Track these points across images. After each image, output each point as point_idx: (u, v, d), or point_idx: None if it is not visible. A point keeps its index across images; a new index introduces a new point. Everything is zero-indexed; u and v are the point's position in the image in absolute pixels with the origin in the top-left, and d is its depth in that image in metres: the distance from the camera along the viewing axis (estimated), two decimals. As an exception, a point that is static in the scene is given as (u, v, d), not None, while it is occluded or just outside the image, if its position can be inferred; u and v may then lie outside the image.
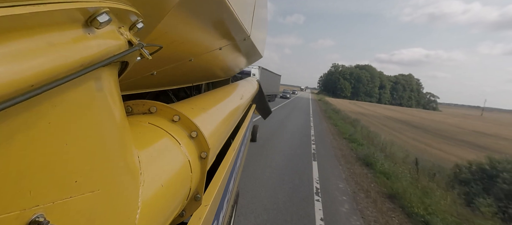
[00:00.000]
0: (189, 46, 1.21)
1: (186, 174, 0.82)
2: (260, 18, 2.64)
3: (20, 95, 0.27)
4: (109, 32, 0.45)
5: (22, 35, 0.29)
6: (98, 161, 0.44)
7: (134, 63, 0.59)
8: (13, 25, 0.27)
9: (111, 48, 0.44)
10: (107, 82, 0.47)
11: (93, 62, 0.38)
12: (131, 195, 0.56)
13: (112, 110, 0.49)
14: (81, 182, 0.40)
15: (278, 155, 7.94)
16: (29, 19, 0.29)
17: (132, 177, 0.57)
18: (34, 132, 0.31)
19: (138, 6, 0.53)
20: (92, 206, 0.43)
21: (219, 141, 1.30)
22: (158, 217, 0.68)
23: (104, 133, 0.46)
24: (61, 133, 0.36)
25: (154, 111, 0.89)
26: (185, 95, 2.50)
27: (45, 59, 0.30)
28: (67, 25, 0.35)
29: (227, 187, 1.75)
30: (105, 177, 0.46)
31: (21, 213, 0.31)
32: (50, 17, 0.32)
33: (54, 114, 0.34)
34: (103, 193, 0.45)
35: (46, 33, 0.32)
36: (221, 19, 1.23)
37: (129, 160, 0.56)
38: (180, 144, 0.84)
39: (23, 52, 0.28)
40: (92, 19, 0.39)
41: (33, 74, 0.28)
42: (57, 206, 0.36)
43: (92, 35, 0.40)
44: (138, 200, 0.59)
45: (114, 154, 0.50)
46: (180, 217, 0.90)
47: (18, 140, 0.30)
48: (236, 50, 2.07)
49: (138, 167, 0.61)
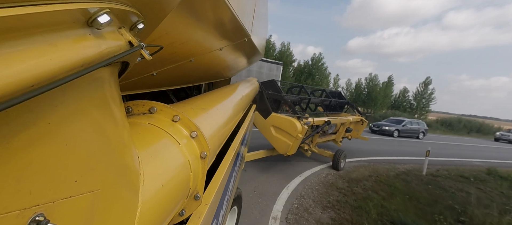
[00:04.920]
0: (189, 46, 1.22)
1: (186, 173, 0.82)
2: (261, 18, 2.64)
3: (20, 96, 0.27)
4: (110, 32, 0.45)
5: (23, 36, 0.29)
6: (98, 161, 0.44)
7: (135, 63, 0.59)
8: (14, 25, 0.27)
9: (111, 48, 0.44)
10: (107, 83, 0.48)
11: (93, 62, 0.38)
12: (131, 195, 0.56)
13: (112, 111, 0.49)
14: (81, 182, 0.40)
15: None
16: (30, 19, 0.29)
17: (132, 177, 0.57)
18: (34, 132, 0.32)
19: (138, 7, 0.53)
20: (92, 205, 0.43)
21: (219, 141, 1.30)
22: (158, 216, 0.68)
23: (104, 133, 0.46)
24: (61, 133, 0.36)
25: (154, 112, 0.89)
26: (185, 95, 2.50)
27: (46, 59, 0.30)
28: (68, 26, 0.35)
29: (227, 187, 1.75)
30: (105, 177, 0.46)
31: (21, 213, 0.31)
32: (50, 17, 0.32)
33: (54, 114, 0.34)
34: (103, 193, 0.45)
35: (47, 34, 0.32)
36: (221, 19, 1.24)
37: (129, 160, 0.56)
38: (180, 144, 0.84)
39: (24, 52, 0.28)
40: (92, 20, 0.39)
41: (34, 75, 0.28)
42: (57, 205, 0.36)
43: (92, 35, 0.40)
44: (138, 199, 0.59)
45: (114, 154, 0.50)
46: (179, 216, 0.90)
47: (18, 140, 0.30)
48: (236, 50, 2.08)
49: (138, 167, 0.61)
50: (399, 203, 5.60)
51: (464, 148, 18.61)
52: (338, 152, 7.48)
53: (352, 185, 6.47)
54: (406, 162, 10.15)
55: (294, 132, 5.63)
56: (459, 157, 13.34)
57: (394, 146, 14.74)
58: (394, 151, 12.66)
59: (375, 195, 6.01)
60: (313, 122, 6.23)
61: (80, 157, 0.40)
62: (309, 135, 6.51)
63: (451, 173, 9.07)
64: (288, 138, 5.77)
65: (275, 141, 6.05)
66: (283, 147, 5.91)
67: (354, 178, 7.02)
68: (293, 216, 4.53)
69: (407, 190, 6.63)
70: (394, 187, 6.65)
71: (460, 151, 16.49)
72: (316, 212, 4.83)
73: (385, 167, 8.87)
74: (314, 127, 6.60)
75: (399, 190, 6.45)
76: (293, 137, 5.66)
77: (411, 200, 5.99)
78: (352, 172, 7.64)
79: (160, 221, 0.70)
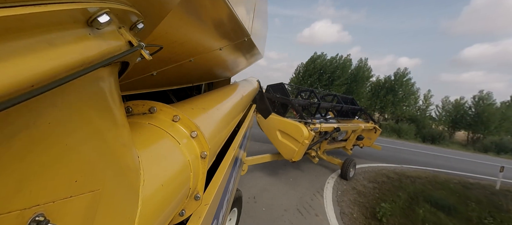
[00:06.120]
0: (189, 46, 1.22)
1: (186, 173, 0.82)
2: (261, 18, 2.64)
3: (21, 96, 0.27)
4: (110, 32, 0.45)
5: (23, 36, 0.29)
6: (98, 161, 0.44)
7: (135, 63, 0.59)
8: (14, 25, 0.27)
9: (111, 48, 0.44)
10: (107, 83, 0.48)
11: (93, 62, 0.38)
12: (131, 195, 0.56)
13: (112, 111, 0.49)
14: (81, 182, 0.40)
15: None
16: (30, 19, 0.29)
17: (132, 177, 0.57)
18: (34, 132, 0.32)
19: (138, 6, 0.53)
20: (92, 205, 0.43)
21: (219, 141, 1.30)
22: (158, 216, 0.68)
23: (104, 133, 0.46)
24: (61, 133, 0.36)
25: (154, 112, 0.89)
26: (185, 95, 2.50)
27: (46, 59, 0.30)
28: (68, 26, 0.35)
29: (227, 187, 1.75)
30: (105, 177, 0.46)
31: (21, 213, 0.31)
32: (50, 17, 0.32)
33: (55, 114, 0.34)
34: (103, 193, 0.45)
35: (47, 34, 0.32)
36: (221, 19, 1.23)
37: (129, 159, 0.56)
38: (180, 143, 0.84)
39: (24, 52, 0.28)
40: (92, 20, 0.39)
41: (34, 75, 0.28)
42: (57, 205, 0.36)
43: (92, 35, 0.40)
44: (138, 199, 0.59)
45: (114, 154, 0.50)
46: (180, 216, 0.90)
47: (19, 139, 0.30)
48: (236, 50, 2.07)
49: (138, 167, 0.61)
50: (442, 193, 6.55)
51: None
52: (348, 160, 7.19)
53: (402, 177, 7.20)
54: (481, 179, 10.13)
55: (300, 137, 5.46)
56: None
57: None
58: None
59: (421, 187, 6.91)
60: (320, 127, 6.01)
61: (80, 157, 0.40)
62: (317, 141, 6.32)
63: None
64: (294, 143, 5.60)
65: (280, 145, 5.90)
66: (288, 152, 5.75)
67: (408, 175, 7.64)
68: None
69: (462, 191, 7.15)
70: (446, 185, 7.22)
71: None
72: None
73: (453, 177, 9.18)
74: (322, 133, 6.36)
75: (449, 188, 7.07)
76: (299, 142, 5.49)
77: (456, 194, 6.68)
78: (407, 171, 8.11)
79: (160, 221, 0.70)
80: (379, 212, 5.25)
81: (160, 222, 0.70)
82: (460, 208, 6.17)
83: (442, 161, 13.89)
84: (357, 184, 7.06)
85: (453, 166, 12.44)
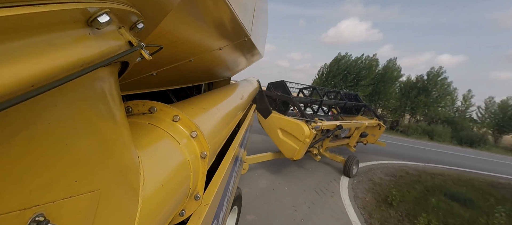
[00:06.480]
0: (189, 46, 1.22)
1: (186, 173, 0.82)
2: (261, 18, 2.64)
3: (20, 96, 0.27)
4: (110, 32, 0.45)
5: (23, 35, 0.29)
6: (98, 161, 0.44)
7: (134, 63, 0.59)
8: (14, 25, 0.27)
9: (111, 48, 0.44)
10: (107, 83, 0.48)
11: (93, 62, 0.38)
12: (131, 195, 0.56)
13: (112, 111, 0.49)
14: (81, 182, 0.40)
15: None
16: (30, 19, 0.29)
17: (132, 177, 0.57)
18: (34, 131, 0.32)
19: (138, 6, 0.53)
20: (92, 205, 0.43)
21: (219, 141, 1.30)
22: (158, 216, 0.68)
23: (104, 132, 0.46)
24: (61, 132, 0.36)
25: (154, 112, 0.89)
26: (185, 95, 2.50)
27: (46, 59, 0.30)
28: (68, 26, 0.35)
29: (227, 187, 1.75)
30: (105, 177, 0.46)
31: (22, 213, 0.31)
32: (50, 17, 0.32)
33: (55, 113, 0.34)
34: (103, 193, 0.45)
35: (47, 34, 0.32)
36: (221, 19, 1.23)
37: (129, 159, 0.56)
38: (180, 143, 0.84)
39: (24, 52, 0.28)
40: (92, 20, 0.39)
41: (34, 75, 0.28)
42: (57, 205, 0.36)
43: (92, 35, 0.40)
44: (138, 199, 0.59)
45: (114, 154, 0.50)
46: (180, 216, 0.90)
47: (19, 139, 0.30)
48: (236, 50, 2.07)
49: (138, 167, 0.61)
50: (463, 189, 6.84)
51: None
52: (350, 158, 7.11)
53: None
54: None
55: (301, 136, 5.41)
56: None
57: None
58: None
59: (441, 182, 7.26)
60: (322, 125, 5.92)
61: (80, 157, 0.40)
62: (319, 139, 6.25)
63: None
64: (295, 142, 5.55)
65: (281, 144, 5.85)
66: (289, 151, 5.70)
67: (429, 172, 7.90)
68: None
69: (486, 189, 7.28)
70: (469, 183, 7.46)
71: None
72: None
73: (479, 176, 9.28)
74: (324, 131, 6.27)
75: (473, 186, 7.28)
76: (300, 141, 5.44)
77: (479, 191, 6.94)
78: (429, 169, 8.37)
79: (160, 221, 0.70)
80: (391, 198, 5.66)
81: (160, 222, 0.70)
82: (478, 202, 6.35)
83: (471, 162, 13.57)
84: (374, 177, 7.34)
85: (480, 167, 12.22)
